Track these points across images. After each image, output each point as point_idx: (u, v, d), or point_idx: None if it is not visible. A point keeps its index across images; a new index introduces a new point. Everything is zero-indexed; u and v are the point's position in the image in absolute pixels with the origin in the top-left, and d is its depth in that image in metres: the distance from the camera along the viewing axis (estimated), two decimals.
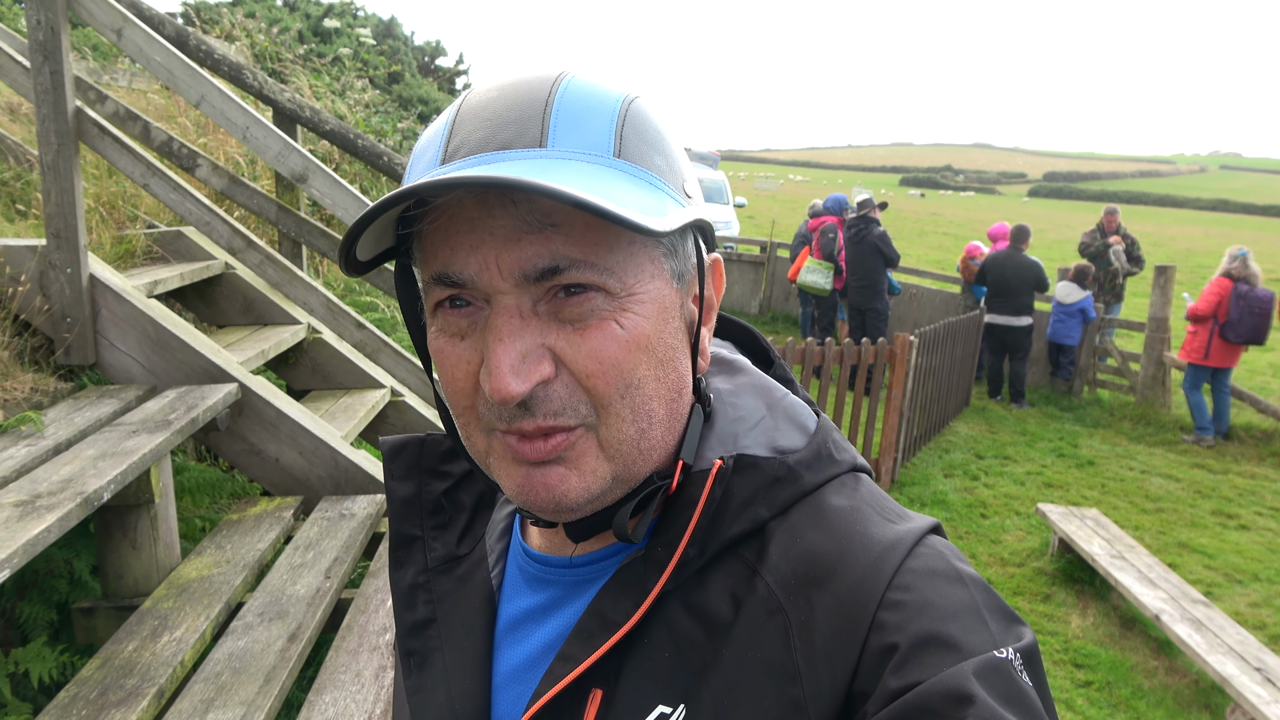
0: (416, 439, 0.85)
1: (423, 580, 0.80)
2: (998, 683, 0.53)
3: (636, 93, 0.65)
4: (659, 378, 0.63)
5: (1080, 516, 5.65)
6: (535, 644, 0.71)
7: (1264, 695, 3.52)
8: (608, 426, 0.62)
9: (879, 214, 9.45)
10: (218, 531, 3.06)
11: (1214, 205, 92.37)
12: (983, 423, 8.97)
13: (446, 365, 0.63)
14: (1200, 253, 27.71)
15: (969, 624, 0.57)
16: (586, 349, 0.60)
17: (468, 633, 0.75)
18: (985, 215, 40.48)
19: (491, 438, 0.64)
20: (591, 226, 0.58)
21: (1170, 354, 9.16)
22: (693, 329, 0.69)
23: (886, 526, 0.64)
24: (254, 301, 4.31)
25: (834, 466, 0.69)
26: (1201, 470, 7.81)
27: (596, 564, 0.70)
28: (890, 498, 0.70)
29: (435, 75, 16.07)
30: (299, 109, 4.19)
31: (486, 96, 0.62)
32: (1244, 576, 5.65)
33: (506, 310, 0.59)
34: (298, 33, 9.71)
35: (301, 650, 2.41)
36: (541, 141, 0.59)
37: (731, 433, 0.69)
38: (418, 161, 0.64)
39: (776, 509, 0.65)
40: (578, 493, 0.63)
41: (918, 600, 0.58)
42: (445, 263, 0.60)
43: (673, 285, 0.65)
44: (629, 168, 0.61)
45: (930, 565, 0.61)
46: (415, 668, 0.77)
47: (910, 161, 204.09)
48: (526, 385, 0.58)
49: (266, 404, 3.31)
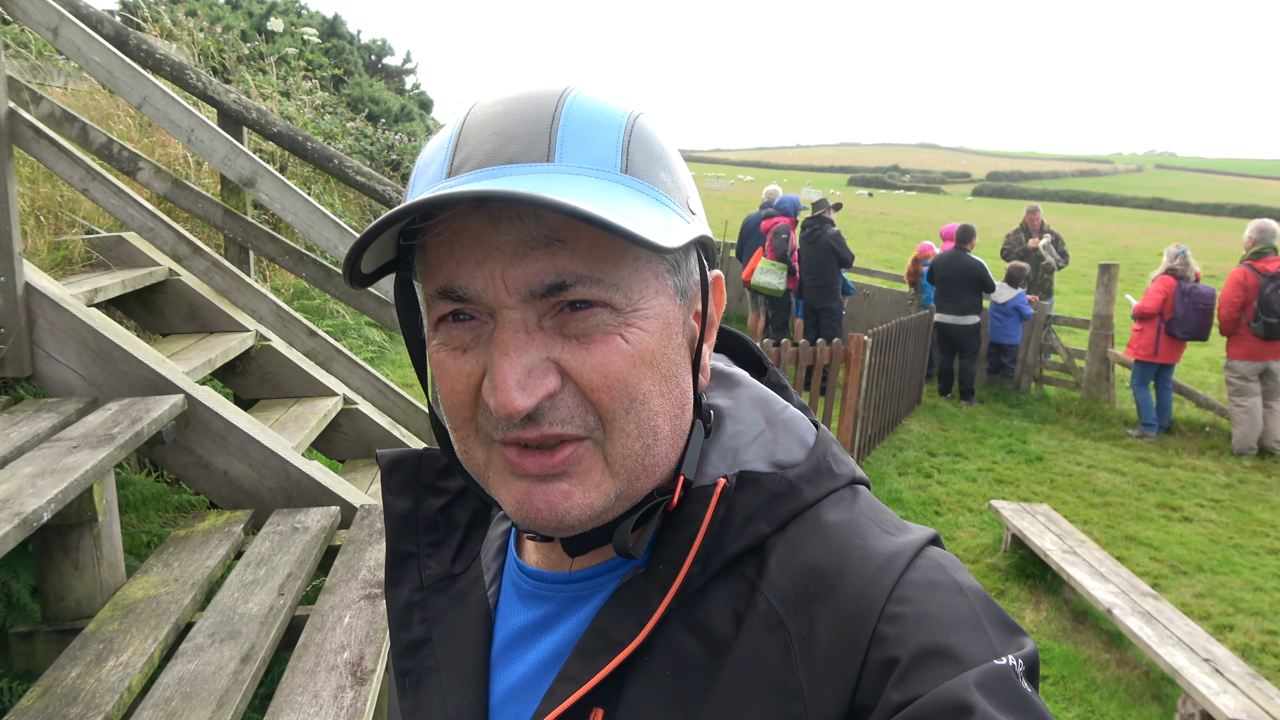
0: (414, 453, 0.84)
1: (418, 599, 0.79)
2: (999, 690, 0.53)
3: (641, 109, 0.65)
4: (663, 393, 0.63)
5: (1032, 512, 5.75)
6: (532, 662, 0.70)
7: (1213, 685, 3.60)
8: (613, 441, 0.61)
9: (833, 215, 9.54)
10: (164, 548, 2.96)
11: (1150, 204, 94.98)
12: (934, 420, 9.10)
13: (447, 378, 0.62)
14: (1139, 250, 28.45)
15: (969, 635, 0.57)
16: (592, 363, 0.59)
17: (464, 652, 0.74)
18: (932, 214, 41.16)
19: (491, 452, 0.63)
20: (598, 242, 0.58)
21: (1115, 350, 9.38)
22: (694, 345, 0.68)
23: (885, 539, 0.64)
24: (199, 309, 4.19)
25: (833, 480, 0.69)
26: (1145, 464, 8.00)
27: (593, 579, 0.70)
28: (889, 509, 0.69)
29: (383, 74, 15.85)
30: (245, 110, 4.09)
31: (492, 111, 0.62)
32: (1188, 568, 5.80)
33: (512, 325, 0.59)
34: (240, 31, 9.49)
35: (255, 672, 2.33)
36: (549, 156, 0.58)
37: (732, 447, 0.69)
38: (422, 175, 0.63)
39: (777, 524, 0.65)
40: (581, 509, 0.62)
41: (918, 613, 0.58)
42: (450, 277, 0.60)
43: (676, 301, 0.65)
44: (636, 183, 0.61)
45: (929, 577, 0.60)
46: (411, 688, 0.76)
47: (858, 161, 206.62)
48: (532, 400, 0.58)
49: (214, 415, 3.21)
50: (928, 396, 9.93)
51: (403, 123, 12.70)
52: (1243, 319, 7.73)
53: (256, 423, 3.36)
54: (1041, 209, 11.20)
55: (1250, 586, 5.52)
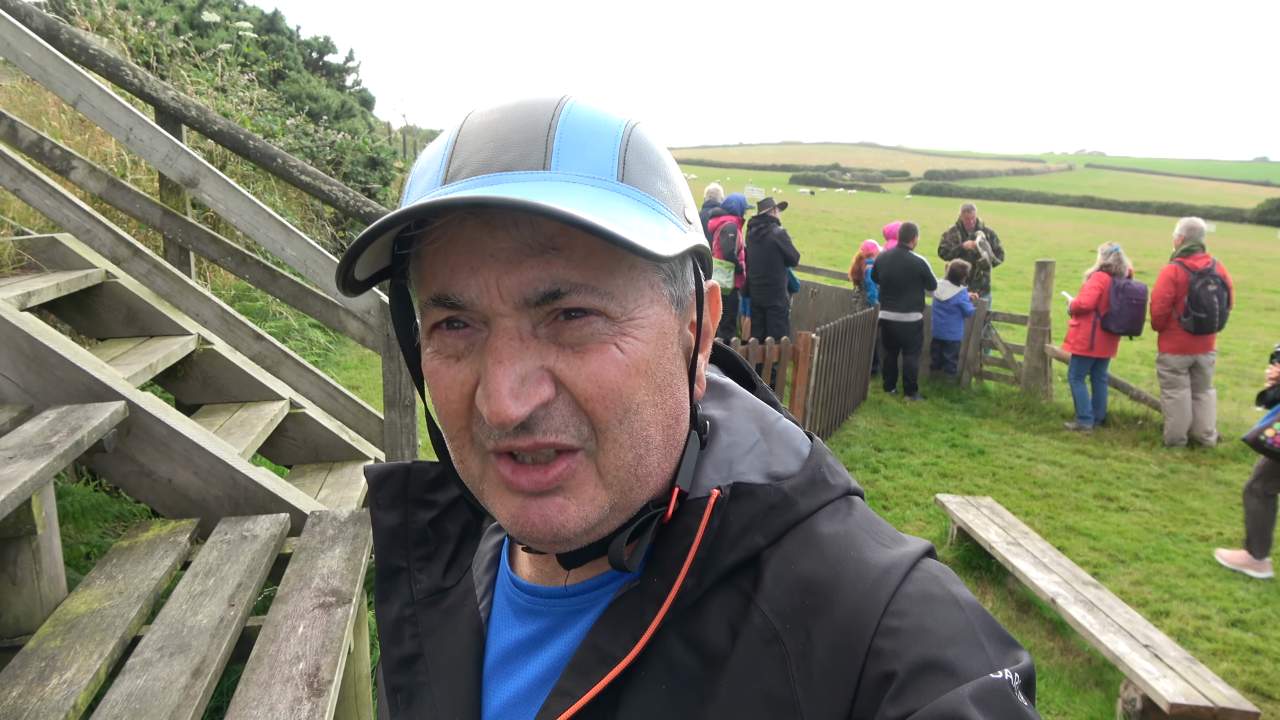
0: (403, 466, 0.83)
1: (409, 613, 0.78)
2: (995, 704, 0.53)
3: (638, 118, 0.65)
4: (657, 403, 0.62)
5: (976, 505, 5.88)
6: (527, 678, 0.69)
7: (1153, 671, 3.73)
8: (606, 452, 0.61)
9: (778, 213, 9.63)
10: (107, 560, 2.87)
11: (1081, 202, 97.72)
12: (880, 416, 9.25)
13: (441, 386, 0.62)
14: (1071, 247, 29.26)
15: (966, 649, 0.56)
16: (586, 372, 0.59)
17: (456, 668, 0.73)
18: (872, 213, 41.78)
19: (486, 464, 0.63)
20: (593, 250, 0.58)
21: (1052, 345, 9.63)
22: (690, 356, 0.68)
23: (881, 551, 0.63)
24: (138, 312, 4.06)
25: (828, 491, 0.68)
26: (1083, 456, 8.24)
27: (588, 593, 0.69)
28: (884, 521, 0.69)
29: (324, 71, 15.56)
30: (184, 108, 3.97)
31: (489, 118, 0.61)
32: (1126, 556, 5.98)
33: (506, 333, 0.58)
34: (174, 25, 9.23)
35: (207, 686, 2.27)
36: (545, 164, 0.58)
37: (727, 459, 0.69)
38: (418, 181, 0.63)
39: (772, 536, 0.65)
40: (576, 523, 0.61)
41: (914, 626, 0.58)
42: (445, 284, 0.59)
43: (672, 311, 0.64)
44: (632, 192, 0.60)
45: (925, 590, 0.60)
46: (403, 704, 0.75)
47: (800, 160, 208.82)
48: (526, 409, 0.58)
49: (157, 422, 3.11)
50: (873, 392, 10.09)
51: (344, 120, 12.49)
52: (1174, 314, 7.99)
53: (201, 429, 3.27)
54: (976, 207, 11.45)
55: (1184, 573, 5.72)
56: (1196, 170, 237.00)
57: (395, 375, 3.38)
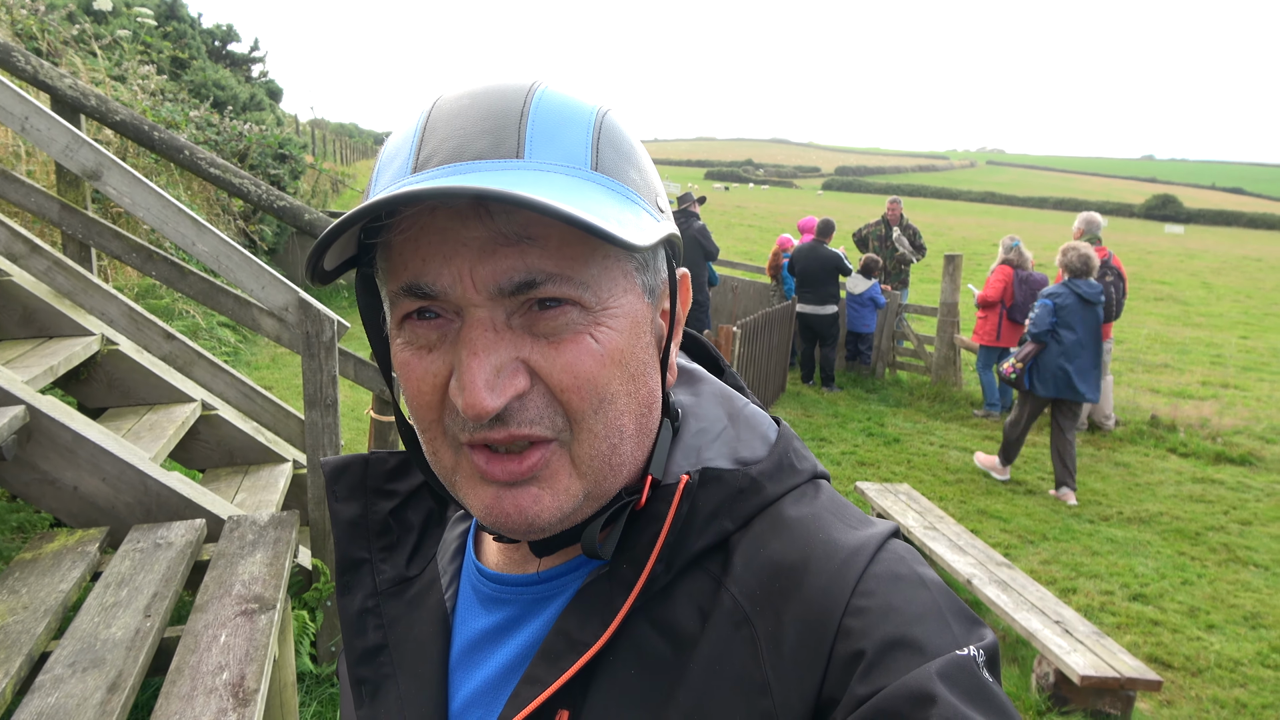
0: (360, 458, 0.81)
1: (372, 605, 0.77)
2: (961, 680, 0.54)
3: (609, 105, 0.64)
4: (631, 393, 0.62)
5: (894, 492, 6.04)
6: (495, 666, 0.69)
7: (1064, 645, 3.89)
8: (580, 442, 0.61)
9: (698, 208, 9.70)
10: (9, 574, 2.72)
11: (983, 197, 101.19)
12: (798, 407, 9.41)
13: (412, 378, 0.61)
14: (975, 241, 30.25)
15: (933, 626, 0.58)
16: (561, 362, 0.58)
17: (422, 658, 0.72)
18: (786, 208, 42.49)
19: (459, 456, 0.62)
20: (568, 240, 0.57)
21: (960, 336, 9.95)
22: (662, 344, 0.68)
23: (848, 533, 0.64)
24: (36, 312, 3.85)
25: (795, 476, 0.69)
26: (991, 442, 8.53)
27: (555, 580, 0.69)
28: (850, 503, 0.70)
29: (228, 61, 15.03)
30: (83, 97, 3.79)
31: (458, 105, 0.60)
32: (1034, 537, 6.23)
33: (480, 323, 0.58)
34: (68, 13, 8.78)
35: (125, 701, 2.17)
36: (519, 153, 0.57)
37: (695, 445, 0.69)
38: (385, 170, 0.61)
39: (741, 521, 0.65)
40: (550, 512, 0.61)
41: (882, 605, 0.59)
42: (416, 274, 0.58)
43: (644, 300, 0.64)
44: (606, 181, 0.60)
45: (893, 570, 0.61)
46: (368, 696, 0.74)
47: (714, 156, 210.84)
48: (501, 400, 0.57)
49: (61, 426, 2.96)
50: (791, 384, 10.26)
51: (252, 112, 12.08)
52: None
53: (109, 433, 3.13)
54: (902, 201, 11.73)
55: (1088, 552, 5.98)
56: (1089, 167, 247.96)
57: (316, 374, 3.29)
